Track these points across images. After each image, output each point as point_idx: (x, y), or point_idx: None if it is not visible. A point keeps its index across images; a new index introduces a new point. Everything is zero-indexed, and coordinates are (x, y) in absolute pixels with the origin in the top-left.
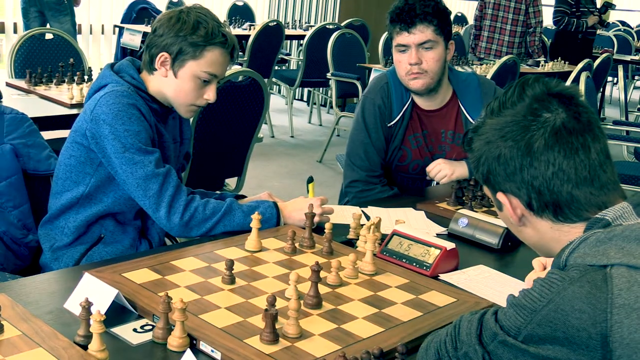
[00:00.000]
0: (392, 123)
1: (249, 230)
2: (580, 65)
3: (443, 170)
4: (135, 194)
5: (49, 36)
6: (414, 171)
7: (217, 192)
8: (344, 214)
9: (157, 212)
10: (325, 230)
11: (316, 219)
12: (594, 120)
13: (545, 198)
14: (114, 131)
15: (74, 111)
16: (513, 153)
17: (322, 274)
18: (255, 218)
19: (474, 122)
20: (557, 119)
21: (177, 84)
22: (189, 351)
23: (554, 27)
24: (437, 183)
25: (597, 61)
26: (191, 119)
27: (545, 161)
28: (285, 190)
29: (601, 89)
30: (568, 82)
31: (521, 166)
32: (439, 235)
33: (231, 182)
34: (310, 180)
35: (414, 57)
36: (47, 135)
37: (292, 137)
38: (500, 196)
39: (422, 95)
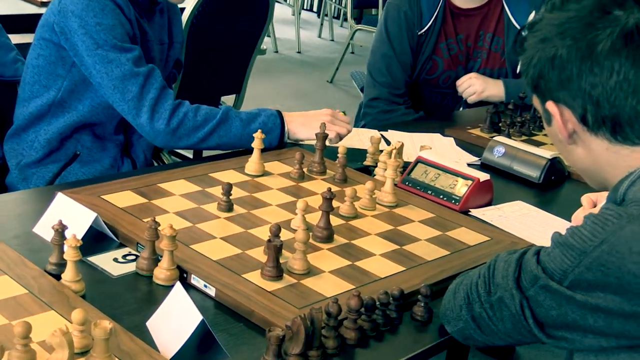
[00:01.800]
0: (422, 31)
1: (249, 150)
2: None
3: (473, 86)
4: (113, 98)
5: None
6: (444, 84)
7: None
8: (361, 138)
9: (137, 118)
10: (338, 155)
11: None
12: None
13: (604, 112)
14: (84, 25)
15: (44, 10)
16: (571, 54)
17: (335, 203)
18: (257, 137)
19: (518, 27)
20: (630, 19)
21: None
22: (178, 285)
23: None
24: (467, 103)
25: None
26: (183, 23)
27: (609, 67)
28: None
29: None
30: None
31: (579, 71)
32: (470, 166)
33: (228, 100)
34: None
35: None
36: (14, 39)
37: (298, 52)
38: (550, 106)
39: None
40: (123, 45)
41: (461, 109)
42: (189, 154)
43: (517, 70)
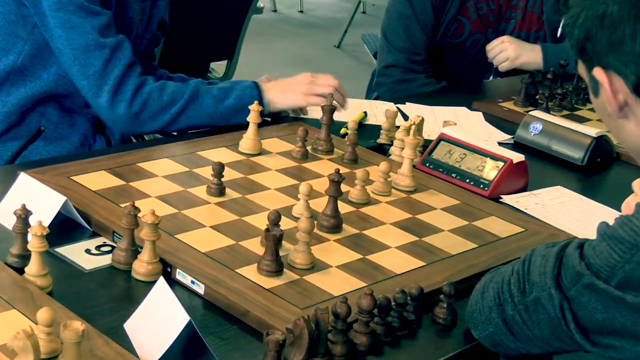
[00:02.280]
0: None
1: (244, 125)
2: None
3: (506, 52)
4: (72, 71)
5: None
6: (472, 49)
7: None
8: (374, 112)
9: (97, 98)
10: (347, 131)
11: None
12: None
13: None
14: None
15: None
16: (623, 12)
17: (344, 187)
18: (253, 110)
19: None
20: None
21: None
22: (161, 280)
23: None
24: (498, 72)
25: None
26: None
27: None
28: None
29: None
30: None
31: (633, 32)
32: (502, 145)
33: (219, 67)
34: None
35: None
36: None
37: (300, 12)
38: (598, 73)
39: None
40: (91, 7)
41: (491, 78)
42: None
43: (558, 34)
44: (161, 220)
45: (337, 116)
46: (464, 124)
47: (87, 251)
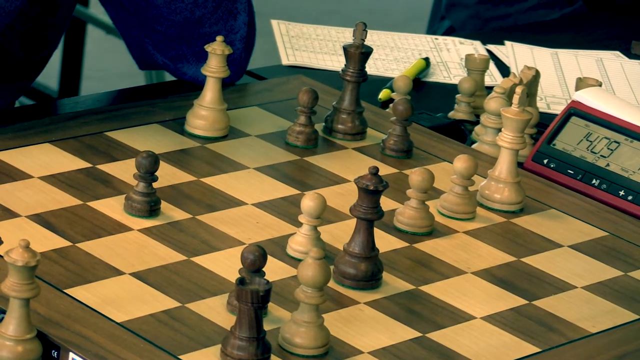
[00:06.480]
0: None
1: (197, 84)
2: None
3: None
4: None
5: None
6: None
7: None
8: (443, 58)
9: None
10: (393, 96)
11: None
12: None
13: None
14: None
15: None
16: None
17: (386, 202)
18: (214, 51)
19: None
20: None
21: None
22: None
23: None
24: None
25: None
26: None
27: None
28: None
29: None
30: None
31: None
32: None
33: None
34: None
35: None
36: None
37: None
38: None
39: None
40: None
41: None
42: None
43: None
44: (39, 259)
45: (374, 66)
46: (617, 84)
47: None
